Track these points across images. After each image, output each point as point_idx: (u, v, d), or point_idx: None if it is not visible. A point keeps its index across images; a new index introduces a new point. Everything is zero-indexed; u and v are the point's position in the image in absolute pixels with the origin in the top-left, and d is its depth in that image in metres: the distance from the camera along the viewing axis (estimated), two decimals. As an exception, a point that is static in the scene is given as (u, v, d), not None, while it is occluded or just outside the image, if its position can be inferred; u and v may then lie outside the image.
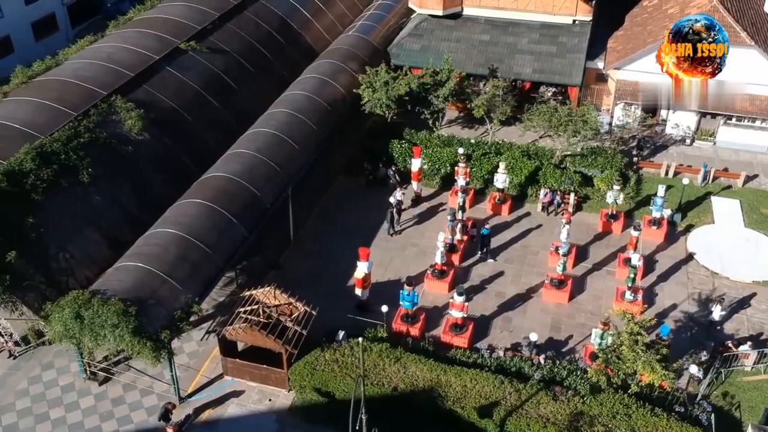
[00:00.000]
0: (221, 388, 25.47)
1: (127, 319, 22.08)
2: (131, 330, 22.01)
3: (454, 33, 41.70)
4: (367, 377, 23.82)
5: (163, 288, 24.10)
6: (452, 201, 34.31)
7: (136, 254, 25.17)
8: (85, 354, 25.02)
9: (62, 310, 22.48)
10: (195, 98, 33.66)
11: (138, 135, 30.05)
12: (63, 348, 26.44)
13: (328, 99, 35.47)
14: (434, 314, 28.17)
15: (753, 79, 35.74)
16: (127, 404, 25.00)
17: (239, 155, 30.42)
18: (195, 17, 37.49)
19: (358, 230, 32.77)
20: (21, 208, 25.19)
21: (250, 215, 28.22)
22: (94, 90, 30.59)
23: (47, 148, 26.94)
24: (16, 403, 25.06)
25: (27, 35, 40.69)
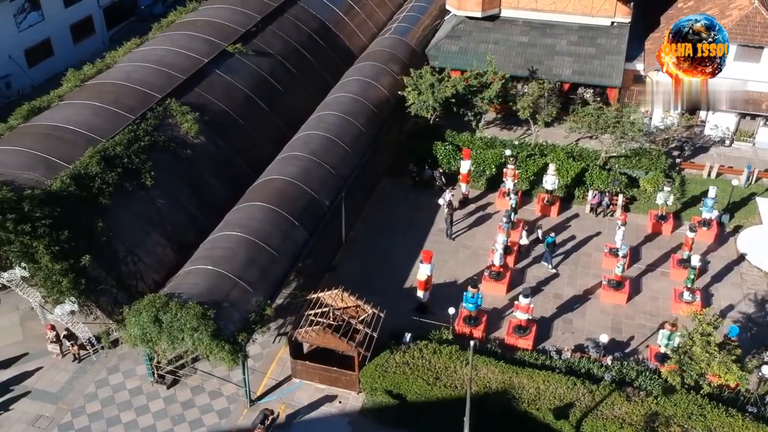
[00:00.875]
0: (290, 390, 25.56)
1: (206, 323, 22.15)
2: (210, 333, 22.07)
3: (492, 35, 41.84)
4: (439, 379, 23.97)
5: (235, 291, 24.17)
6: (500, 203, 34.49)
7: (206, 257, 25.23)
8: (157, 357, 25.06)
9: (139, 313, 22.51)
10: (244, 101, 33.73)
11: (194, 138, 30.11)
12: (128, 351, 26.57)
13: (373, 101, 35.58)
14: (493, 316, 28.29)
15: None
16: (197, 407, 25.06)
17: (295, 158, 30.50)
18: (238, 20, 37.57)
19: (407, 232, 32.91)
20: (90, 211, 25.24)
21: (310, 217, 28.31)
22: (149, 93, 30.63)
23: (110, 151, 26.98)
24: (87, 406, 25.12)
25: (66, 38, 40.68)
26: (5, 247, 22.63)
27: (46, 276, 22.59)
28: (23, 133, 27.84)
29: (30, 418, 24.69)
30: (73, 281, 22.97)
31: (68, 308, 22.49)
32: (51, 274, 22.65)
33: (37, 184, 25.04)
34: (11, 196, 23.67)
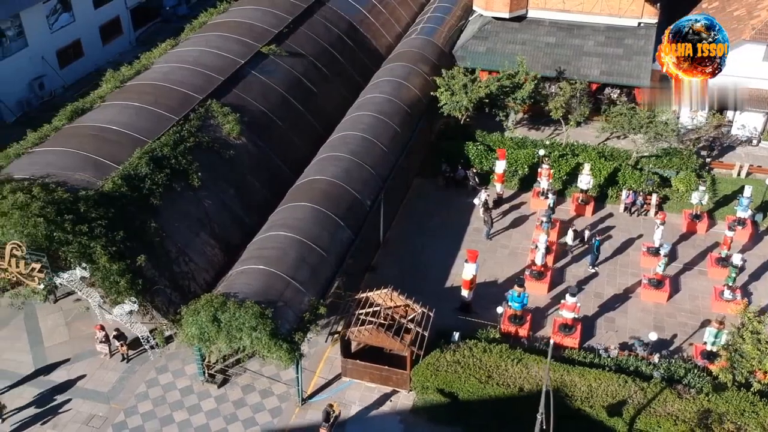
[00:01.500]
0: (340, 389, 25.74)
1: (265, 322, 22.32)
2: (269, 332, 22.24)
3: (519, 35, 42.07)
4: (491, 378, 24.18)
5: (288, 290, 24.35)
6: (534, 202, 34.72)
7: (257, 257, 25.40)
8: (208, 357, 25.22)
9: (197, 313, 22.67)
10: (281, 102, 33.92)
11: (236, 139, 30.28)
12: (176, 350, 26.74)
13: (406, 102, 35.77)
14: (536, 315, 28.50)
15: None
16: (249, 406, 25.22)
17: (336, 158, 30.67)
18: (270, 21, 37.75)
19: (443, 232, 33.13)
20: (142, 212, 25.40)
21: (353, 217, 28.49)
22: (189, 94, 30.79)
23: (158, 152, 27.14)
24: (138, 405, 25.26)
25: (95, 39, 40.80)
26: (64, 247, 22.76)
27: (104, 276, 22.74)
28: (70, 134, 27.98)
29: (83, 417, 24.83)
30: (130, 281, 23.12)
31: (128, 308, 22.62)
32: (109, 274, 22.80)
33: (89, 185, 25.19)
34: (67, 197, 23.84)
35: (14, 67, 35.08)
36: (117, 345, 26.51)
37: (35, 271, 22.61)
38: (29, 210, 22.68)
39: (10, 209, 22.67)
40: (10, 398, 25.53)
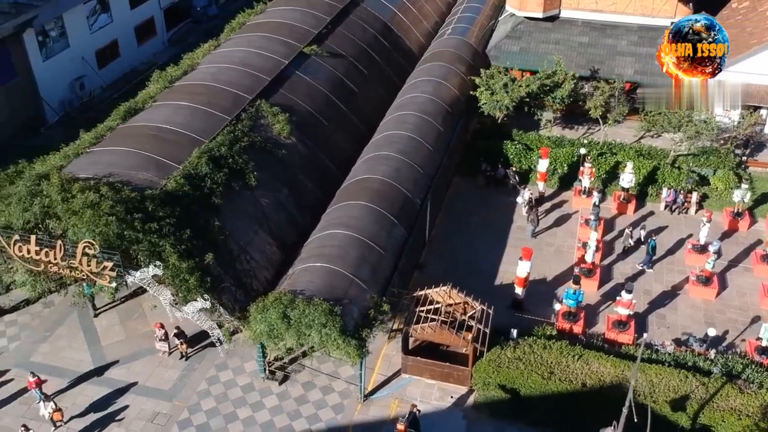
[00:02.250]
0: (400, 386, 25.97)
1: (334, 319, 22.57)
2: (338, 329, 22.48)
3: (552, 35, 42.35)
4: (554, 374, 24.44)
5: (351, 288, 24.59)
6: (576, 201, 34.99)
7: (318, 255, 25.63)
8: (270, 354, 25.44)
9: (266, 310, 22.89)
10: (325, 101, 34.16)
11: (286, 139, 30.51)
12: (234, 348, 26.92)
13: (446, 101, 36.05)
14: (587, 312, 28.74)
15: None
16: (311, 403, 25.44)
17: (384, 157, 30.92)
18: (309, 21, 38.00)
19: (486, 230, 33.37)
20: (204, 211, 25.61)
21: (406, 216, 28.77)
22: (239, 94, 31.01)
23: (216, 152, 27.36)
24: (201, 403, 25.46)
25: (131, 39, 41.00)
26: (134, 246, 22.96)
27: (174, 274, 22.94)
28: (127, 133, 28.17)
29: (147, 415, 25.03)
30: (199, 279, 23.32)
31: (199, 306, 22.82)
32: (179, 272, 23.01)
33: (152, 185, 25.39)
34: (135, 196, 24.05)
35: (57, 68, 35.27)
36: (177, 343, 26.70)
37: (107, 270, 22.78)
38: (100, 209, 22.88)
39: (81, 208, 22.85)
40: (72, 396, 25.76)
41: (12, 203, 23.57)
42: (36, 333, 28.40)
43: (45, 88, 34.74)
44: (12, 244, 23.28)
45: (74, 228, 22.77)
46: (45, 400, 23.64)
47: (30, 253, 23.23)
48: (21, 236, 23.16)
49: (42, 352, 27.55)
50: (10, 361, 27.25)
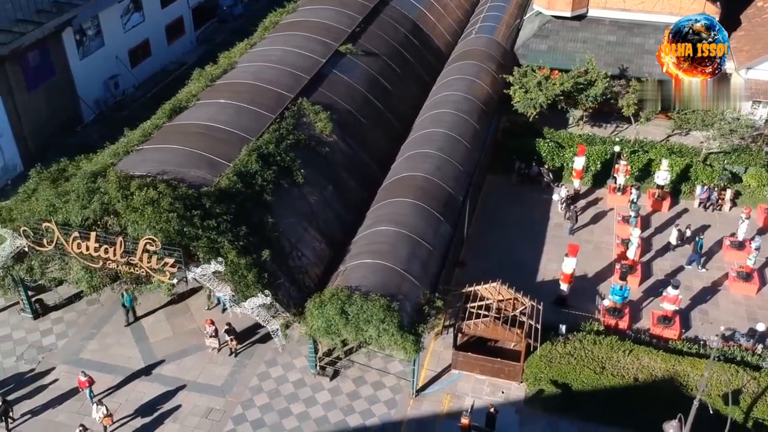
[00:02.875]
0: (451, 381, 26.17)
1: (392, 314, 22.76)
2: (397, 324, 22.67)
3: (580, 34, 42.60)
4: (605, 369, 24.66)
5: (404, 284, 24.80)
6: (610, 198, 35.24)
7: (369, 252, 25.82)
8: (322, 350, 25.62)
9: (323, 306, 23.07)
10: (362, 100, 34.37)
11: (328, 137, 30.68)
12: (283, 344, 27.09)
13: (480, 99, 36.29)
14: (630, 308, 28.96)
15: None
16: (364, 398, 25.62)
17: (425, 155, 31.13)
18: (343, 20, 38.19)
19: (523, 227, 33.58)
20: (257, 208, 25.78)
21: (449, 212, 28.99)
22: (281, 93, 31.19)
23: (264, 149, 27.53)
24: (254, 398, 25.62)
25: (161, 38, 41.14)
26: (194, 243, 23.12)
27: (233, 271, 23.11)
28: (175, 131, 28.33)
29: (202, 411, 25.18)
30: (257, 275, 23.49)
31: (260, 301, 23.00)
32: (237, 269, 23.17)
33: (205, 182, 25.55)
34: (192, 193, 24.21)
35: (92, 67, 35.41)
36: (227, 339, 26.85)
37: (167, 266, 22.94)
38: (160, 206, 23.03)
39: (141, 205, 23.00)
40: (125, 393, 25.90)
41: (70, 200, 23.70)
42: (83, 330, 28.54)
43: (81, 87, 34.89)
44: (71, 240, 23.40)
45: (134, 225, 22.91)
46: (97, 404, 23.64)
47: (89, 249, 23.37)
48: (80, 233, 23.29)
49: (91, 349, 27.68)
50: (58, 358, 27.38)
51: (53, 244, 23.73)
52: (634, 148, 36.52)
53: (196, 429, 24.61)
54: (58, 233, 23.31)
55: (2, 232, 24.33)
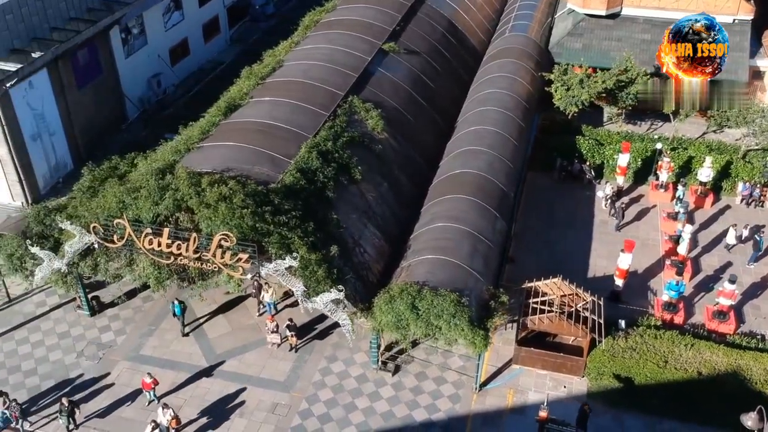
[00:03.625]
0: (513, 376, 26.39)
1: (463, 309, 22.95)
2: (467, 319, 22.87)
3: (614, 32, 42.83)
4: (668, 363, 24.91)
5: (469, 279, 25.00)
6: (653, 195, 35.50)
7: (432, 248, 26.02)
8: (384, 345, 25.81)
9: (392, 301, 23.25)
10: (407, 98, 34.57)
11: (380, 134, 30.85)
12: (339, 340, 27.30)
13: (522, 96, 36.51)
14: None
15: None
16: (427, 393, 25.83)
17: (476, 152, 31.33)
18: (383, 18, 38.38)
19: (570, 224, 33.83)
20: (321, 204, 25.96)
21: (504, 209, 29.20)
22: (332, 91, 31.38)
23: (322, 147, 27.70)
24: (318, 393, 25.82)
25: (199, 37, 41.27)
26: (266, 238, 23.29)
27: (304, 266, 23.29)
28: (234, 129, 28.49)
29: (267, 406, 25.37)
30: (327, 271, 23.68)
31: (332, 296, 23.17)
32: (308, 264, 23.35)
33: (270, 178, 25.72)
34: (261, 189, 24.38)
35: (136, 65, 35.55)
36: (288, 335, 27.02)
37: (240, 262, 23.11)
38: (233, 202, 23.20)
39: (215, 201, 23.16)
40: (191, 389, 26.10)
41: (141, 197, 23.85)
42: (141, 327, 28.71)
43: (126, 86, 35.03)
44: (142, 237, 23.56)
45: (208, 221, 23.06)
46: (163, 407, 23.72)
47: (160, 245, 23.52)
48: (153, 229, 23.45)
49: (151, 346, 27.84)
50: (119, 354, 27.55)
51: (123, 240, 23.85)
52: (674, 146, 36.77)
53: (263, 424, 24.79)
54: (130, 230, 23.44)
55: (71, 229, 24.43)
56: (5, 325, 28.86)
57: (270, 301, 27.96)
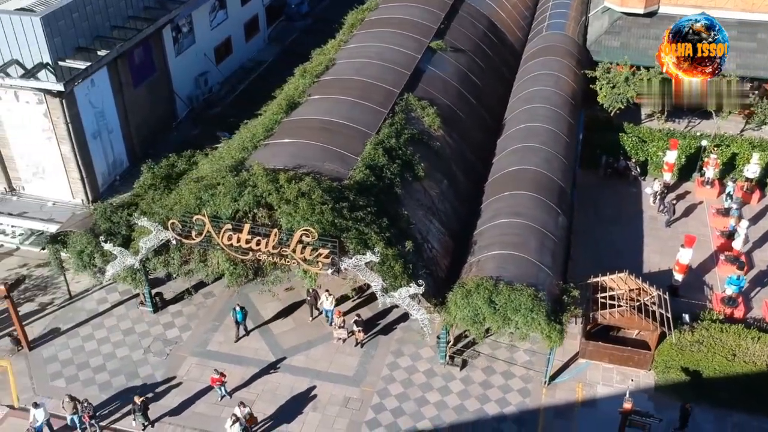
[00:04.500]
0: (580, 371, 26.65)
1: (539, 304, 23.21)
2: (544, 314, 23.13)
3: (652, 30, 43.04)
4: (736, 356, 25.20)
5: (540, 274, 25.25)
6: (699, 191, 35.81)
7: (502, 243, 26.26)
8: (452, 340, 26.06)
9: (469, 295, 23.49)
10: (457, 95, 34.81)
11: (436, 131, 31.09)
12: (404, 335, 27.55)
13: (568, 94, 36.78)
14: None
15: None
16: (496, 387, 26.08)
17: (530, 148, 31.57)
18: (426, 17, 38.60)
19: (620, 220, 34.06)
20: (390, 200, 26.19)
21: (563, 204, 29.46)
22: (388, 88, 31.59)
23: (386, 144, 27.92)
24: (389, 388, 26.05)
25: (241, 36, 41.47)
26: (344, 234, 23.51)
27: (382, 261, 23.52)
28: (297, 126, 28.71)
29: (339, 400, 25.59)
30: (403, 266, 23.92)
31: (412, 291, 23.42)
32: (386, 259, 23.59)
33: (340, 175, 25.95)
34: (336, 186, 24.60)
35: (185, 64, 35.73)
36: (355, 330, 27.25)
37: (321, 257, 23.32)
38: (312, 198, 23.43)
39: (295, 198, 23.38)
40: (261, 383, 26.33)
41: (219, 194, 24.04)
42: (205, 323, 28.92)
43: (176, 84, 35.22)
44: (221, 233, 23.76)
45: (288, 217, 23.27)
46: (241, 405, 23.88)
47: (239, 241, 23.73)
48: (234, 225, 23.65)
49: (217, 341, 28.05)
50: (186, 350, 27.76)
51: (201, 236, 24.06)
52: (717, 142, 37.10)
53: (337, 418, 25.02)
54: (210, 226, 23.64)
55: (148, 225, 24.63)
56: (69, 322, 29.04)
57: (329, 308, 27.97)
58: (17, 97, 28.19)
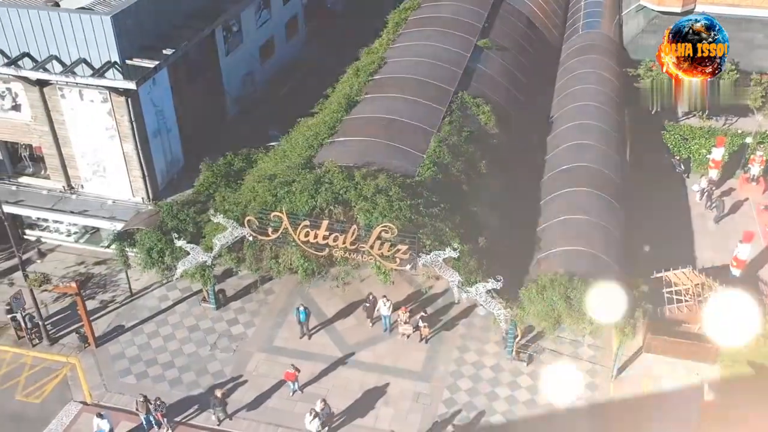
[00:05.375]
0: (645, 365, 26.92)
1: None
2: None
3: (688, 29, 43.39)
4: (802, 349, 25.56)
5: (608, 270, 25.52)
6: (744, 188, 36.16)
7: (566, 238, 26.59)
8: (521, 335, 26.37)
9: (544, 291, 23.77)
10: (506, 93, 35.08)
11: (491, 129, 31.36)
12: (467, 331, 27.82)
13: (613, 91, 37.09)
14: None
15: None
16: (564, 382, 26.32)
17: (584, 145, 31.88)
18: (471, 15, 38.87)
19: (668, 217, 34.30)
20: (455, 197, 26.43)
21: (621, 201, 29.74)
22: (442, 86, 31.86)
23: (448, 141, 28.20)
24: (458, 383, 26.33)
25: (282, 35, 41.62)
26: (421, 230, 23.77)
27: (459, 257, 23.79)
28: (359, 124, 28.98)
29: (410, 395, 25.86)
30: (478, 262, 24.19)
31: (489, 286, 23.69)
32: (462, 255, 23.85)
33: (408, 171, 26.21)
34: (410, 182, 24.87)
35: (234, 63, 35.88)
36: (421, 326, 27.52)
37: (399, 253, 23.57)
38: (389, 195, 23.69)
39: (372, 194, 23.64)
40: (332, 378, 26.60)
41: (295, 191, 24.28)
42: (268, 319, 29.16)
43: (225, 83, 35.42)
44: (299, 230, 23.99)
45: (366, 213, 23.52)
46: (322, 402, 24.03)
47: (316, 238, 23.96)
48: (312, 222, 23.88)
49: (282, 337, 28.30)
50: (253, 346, 28.01)
51: (278, 233, 24.29)
52: (760, 140, 37.45)
53: (409, 413, 25.29)
54: (287, 222, 23.88)
55: (224, 222, 24.85)
56: (132, 319, 29.25)
57: (387, 314, 28.07)
58: (81, 95, 28.37)
